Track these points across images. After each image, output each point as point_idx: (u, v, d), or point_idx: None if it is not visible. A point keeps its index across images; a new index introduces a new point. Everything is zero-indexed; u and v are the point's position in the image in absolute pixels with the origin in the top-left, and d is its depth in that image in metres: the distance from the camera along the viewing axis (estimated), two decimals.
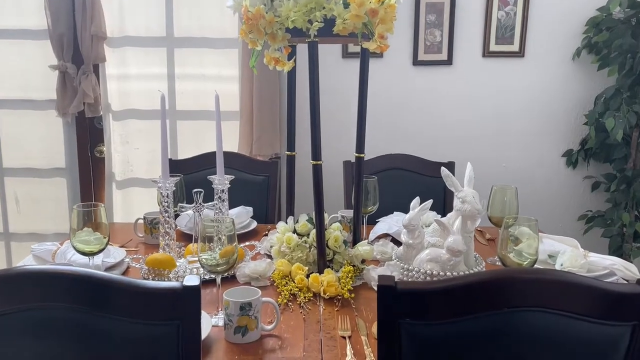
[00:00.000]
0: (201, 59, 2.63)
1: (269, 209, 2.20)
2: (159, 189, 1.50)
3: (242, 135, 2.63)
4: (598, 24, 2.52)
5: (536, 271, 0.91)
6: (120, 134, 2.68)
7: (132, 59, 2.62)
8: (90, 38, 2.51)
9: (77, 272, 0.87)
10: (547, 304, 0.87)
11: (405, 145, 2.68)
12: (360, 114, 1.52)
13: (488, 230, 1.97)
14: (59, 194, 2.75)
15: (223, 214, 1.56)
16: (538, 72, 2.66)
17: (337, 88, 2.64)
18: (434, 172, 2.26)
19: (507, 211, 1.67)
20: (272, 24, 1.27)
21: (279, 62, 1.31)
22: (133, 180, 2.72)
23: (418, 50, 2.65)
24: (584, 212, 2.73)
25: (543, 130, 2.71)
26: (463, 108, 2.69)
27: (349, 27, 1.24)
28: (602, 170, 2.68)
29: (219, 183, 1.55)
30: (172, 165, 2.22)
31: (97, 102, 2.59)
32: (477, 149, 2.72)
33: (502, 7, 2.60)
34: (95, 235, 1.43)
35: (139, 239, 1.85)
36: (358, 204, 1.61)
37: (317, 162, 1.43)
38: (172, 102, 2.67)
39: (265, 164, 2.27)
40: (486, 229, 1.99)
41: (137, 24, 2.58)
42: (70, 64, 2.54)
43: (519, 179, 2.74)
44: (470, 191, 1.49)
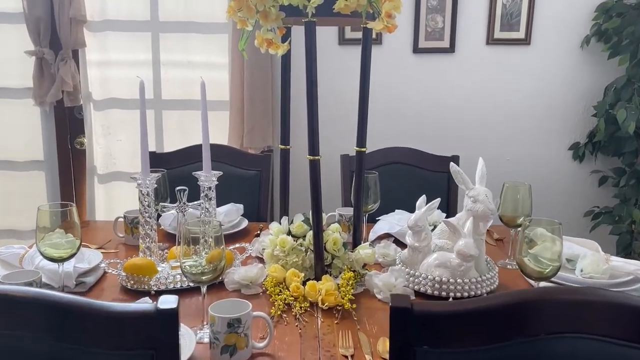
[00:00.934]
0: (188, 45, 2.47)
1: (261, 206, 2.06)
2: (138, 187, 1.35)
3: (232, 126, 2.48)
4: (608, 10, 2.39)
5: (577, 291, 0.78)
6: (102, 124, 2.51)
7: (114, 45, 2.45)
8: (68, 22, 2.33)
9: (32, 295, 0.72)
10: (590, 329, 0.73)
11: (405, 137, 2.55)
12: (362, 105, 1.37)
13: (496, 229, 1.83)
14: (36, 189, 2.59)
15: (210, 214, 1.41)
16: (545, 60, 2.52)
17: (333, 77, 2.49)
18: (437, 167, 2.14)
19: (520, 210, 1.53)
20: (265, 1, 1.12)
21: (272, 44, 1.16)
22: (116, 174, 2.56)
23: (419, 37, 2.50)
24: (590, 207, 2.61)
25: (549, 122, 2.58)
26: (465, 98, 2.56)
27: (352, 4, 1.09)
28: (610, 165, 2.56)
29: (205, 180, 1.40)
30: (156, 159, 2.06)
31: (77, 90, 2.42)
32: (480, 141, 2.59)
33: None
34: (67, 237, 1.28)
35: (119, 240, 1.70)
36: (358, 203, 1.47)
37: (315, 157, 1.28)
38: (157, 90, 2.51)
39: (257, 158, 2.12)
40: (494, 227, 1.85)
41: (119, 7, 2.41)
42: (48, 50, 2.36)
43: (523, 172, 2.61)
44: (482, 189, 1.36)
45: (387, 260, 1.53)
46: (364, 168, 1.46)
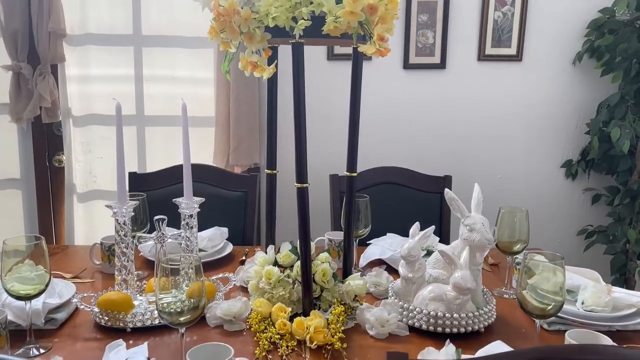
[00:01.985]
0: (172, 60, 2.39)
1: (246, 229, 1.98)
2: (114, 216, 1.26)
3: (218, 143, 2.40)
4: (600, 27, 2.36)
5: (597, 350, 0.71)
6: (81, 141, 2.42)
7: (95, 59, 2.36)
8: (47, 35, 2.25)
9: None
10: None
11: (395, 155, 2.49)
12: (352, 129, 1.30)
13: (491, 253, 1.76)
14: (13, 208, 2.48)
15: (191, 243, 1.33)
16: (536, 77, 2.48)
17: (322, 93, 2.43)
18: (429, 187, 2.07)
19: (517, 236, 1.47)
20: (249, 22, 1.05)
21: (257, 67, 1.09)
22: (96, 192, 2.47)
23: (409, 52, 2.45)
24: (583, 226, 2.56)
25: (541, 139, 2.54)
26: (457, 115, 2.51)
27: (342, 26, 1.02)
28: (603, 183, 2.52)
29: (186, 207, 1.32)
30: (137, 179, 1.99)
31: (56, 106, 2.33)
32: (471, 158, 2.53)
33: (499, 7, 2.41)
34: (37, 270, 1.19)
35: (96, 267, 1.61)
36: (349, 230, 1.40)
37: (303, 185, 1.21)
38: (139, 106, 2.43)
39: (242, 178, 2.05)
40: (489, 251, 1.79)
41: (100, 20, 2.33)
42: (25, 64, 2.27)
43: (515, 190, 2.57)
44: (479, 217, 1.29)
45: (379, 290, 1.45)
46: (354, 194, 1.39)
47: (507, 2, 2.41)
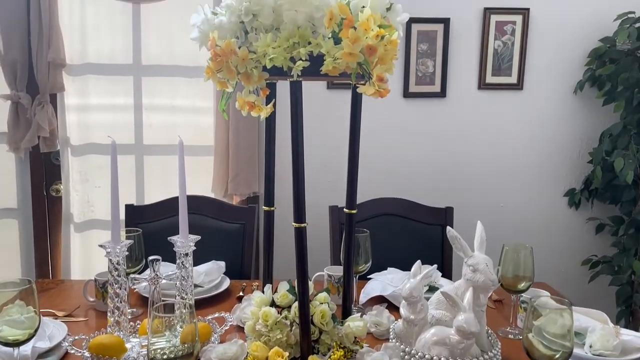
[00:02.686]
0: (172, 89, 2.39)
1: (244, 262, 1.94)
2: (107, 255, 1.23)
3: (216, 172, 2.38)
4: (601, 56, 2.35)
5: None
6: (79, 170, 2.40)
7: (95, 89, 2.36)
8: (47, 65, 2.25)
9: None
10: None
11: (395, 185, 2.47)
12: (352, 165, 1.28)
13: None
14: (9, 238, 2.45)
15: (187, 283, 1.29)
16: (538, 105, 2.47)
17: (321, 122, 2.42)
18: (430, 219, 2.04)
19: (522, 272, 1.43)
20: (246, 62, 1.03)
21: (254, 107, 1.07)
22: (93, 222, 2.44)
23: (409, 81, 2.45)
24: (588, 256, 2.52)
25: (543, 167, 2.52)
26: (458, 144, 2.49)
27: (341, 66, 1.00)
28: (607, 212, 2.49)
29: (181, 246, 1.29)
30: (134, 212, 1.96)
31: (54, 135, 2.32)
32: (473, 187, 2.51)
33: (499, 36, 2.41)
34: (27, 312, 1.16)
35: (90, 304, 1.57)
36: (349, 269, 1.36)
37: (301, 225, 1.18)
38: (138, 135, 2.41)
39: (240, 210, 2.02)
40: None
41: (100, 50, 2.33)
42: (24, 94, 2.27)
43: (517, 219, 2.53)
44: (482, 257, 1.26)
45: (380, 330, 1.41)
46: (354, 231, 1.36)
47: (507, 31, 2.41)
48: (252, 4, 1.03)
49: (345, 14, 0.98)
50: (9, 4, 2.20)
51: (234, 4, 1.06)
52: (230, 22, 1.06)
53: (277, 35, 1.02)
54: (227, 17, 1.06)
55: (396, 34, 1.00)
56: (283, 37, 1.01)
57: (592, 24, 2.40)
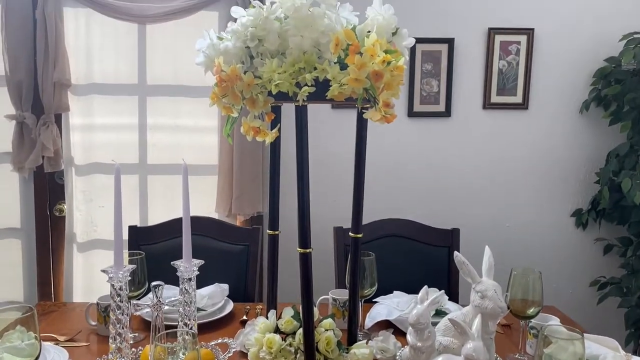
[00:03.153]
0: (176, 109, 2.39)
1: (248, 284, 1.92)
2: (110, 281, 1.21)
3: (220, 192, 2.37)
4: (606, 76, 2.35)
5: None
6: (83, 190, 2.39)
7: (99, 108, 2.36)
8: (52, 85, 2.25)
9: None
10: None
11: (400, 205, 2.45)
12: (357, 189, 1.26)
13: None
14: (12, 257, 2.44)
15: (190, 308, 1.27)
16: (543, 125, 2.46)
17: (326, 141, 2.41)
18: (436, 240, 2.02)
19: (531, 296, 1.41)
20: (252, 87, 1.02)
21: (259, 132, 1.07)
22: (97, 242, 2.42)
23: (414, 100, 2.44)
24: (596, 277, 2.49)
25: (550, 187, 2.49)
26: (463, 163, 2.47)
27: (347, 92, 1.00)
28: (615, 233, 2.46)
29: (185, 271, 1.27)
30: (138, 233, 1.95)
31: (58, 155, 2.32)
32: (479, 208, 2.49)
33: (504, 56, 2.41)
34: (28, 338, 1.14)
35: (92, 328, 1.55)
36: (355, 294, 1.34)
37: (306, 250, 1.16)
38: (142, 155, 2.41)
39: (244, 232, 2.00)
40: None
41: (105, 70, 2.34)
42: (29, 114, 2.27)
43: (524, 240, 2.51)
44: (491, 284, 1.23)
45: (387, 357, 1.39)
46: (359, 255, 1.34)
47: (511, 51, 2.41)
48: (258, 29, 1.03)
49: (351, 40, 0.97)
50: (16, 25, 2.21)
51: (239, 29, 1.06)
52: (235, 47, 1.05)
53: (282, 61, 1.02)
54: (232, 42, 1.06)
55: (402, 59, 0.99)
56: (289, 62, 1.01)
57: (597, 44, 2.39)
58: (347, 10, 1.07)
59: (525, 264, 2.46)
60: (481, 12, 2.37)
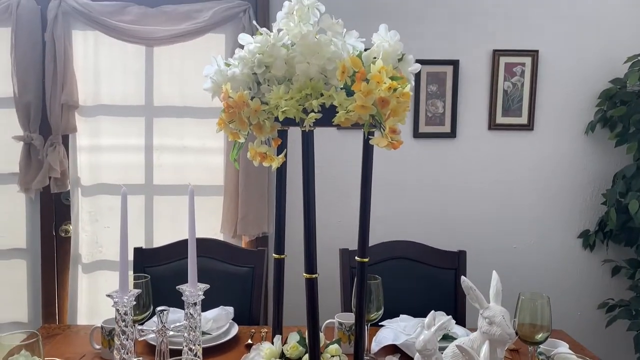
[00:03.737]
0: (182, 130, 2.40)
1: (253, 306, 1.91)
2: (115, 305, 1.21)
3: (226, 212, 2.37)
4: (612, 97, 2.35)
5: None
6: (89, 211, 2.40)
7: (107, 129, 2.37)
8: (60, 107, 2.28)
9: None
10: None
11: (406, 226, 2.44)
12: (363, 213, 1.26)
13: None
14: (17, 278, 2.44)
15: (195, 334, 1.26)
16: (549, 146, 2.45)
17: (332, 162, 2.42)
18: (443, 263, 2.01)
19: (539, 321, 1.39)
20: (259, 113, 1.03)
21: (265, 157, 1.07)
22: (102, 262, 2.42)
23: (419, 121, 2.45)
24: (604, 300, 2.45)
25: (556, 209, 2.48)
26: (468, 184, 2.47)
27: (353, 118, 1.00)
28: (623, 254, 2.44)
29: (190, 296, 1.26)
30: (143, 256, 1.95)
31: (65, 176, 2.33)
32: (485, 229, 2.47)
33: (509, 77, 2.42)
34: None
35: (96, 352, 1.54)
36: (361, 318, 1.33)
37: (312, 275, 1.15)
38: (149, 175, 2.42)
39: (250, 254, 1.99)
40: None
41: (113, 91, 2.36)
42: (37, 135, 2.30)
43: (531, 261, 2.49)
44: (499, 309, 1.22)
45: None
46: (366, 280, 1.33)
47: (516, 72, 2.42)
48: (265, 56, 1.04)
49: (358, 67, 0.98)
50: (25, 48, 2.24)
51: (246, 55, 1.07)
52: (242, 74, 1.06)
53: (289, 87, 1.03)
54: (239, 68, 1.07)
55: (409, 86, 1.00)
56: (295, 88, 1.02)
57: (602, 65, 2.40)
58: (353, 37, 1.08)
59: (532, 285, 2.44)
60: (486, 34, 2.39)
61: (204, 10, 2.27)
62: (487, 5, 2.38)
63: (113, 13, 2.25)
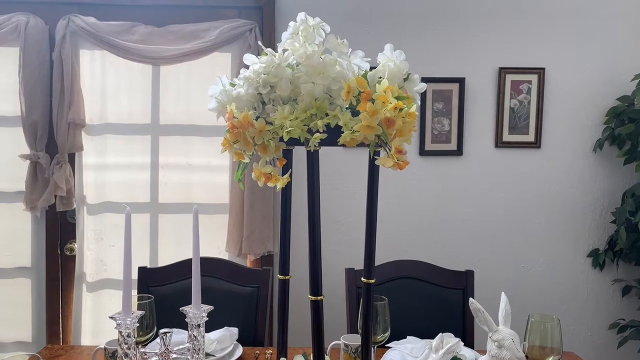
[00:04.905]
0: (188, 148, 2.40)
1: (258, 326, 1.88)
2: (117, 327, 1.19)
3: (231, 231, 2.36)
4: (619, 115, 2.33)
5: None
6: (94, 229, 2.39)
7: (113, 148, 2.38)
8: (66, 126, 2.28)
9: None
10: None
11: (412, 245, 2.42)
12: (369, 235, 1.24)
13: None
14: (21, 297, 2.42)
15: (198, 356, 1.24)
16: (557, 164, 2.43)
17: (337, 180, 2.40)
18: (451, 283, 1.98)
19: (549, 343, 1.36)
20: (263, 134, 1.02)
21: (270, 177, 1.06)
22: (106, 281, 2.41)
23: (425, 139, 2.44)
24: (615, 320, 2.41)
25: (565, 227, 2.45)
26: (475, 202, 2.44)
27: (359, 138, 0.99)
28: (634, 274, 2.40)
29: (193, 317, 1.25)
30: (148, 274, 1.93)
31: (71, 194, 2.33)
32: (492, 248, 2.45)
33: (515, 95, 2.41)
34: None
35: None
36: (367, 341, 1.30)
37: (318, 297, 1.14)
38: (154, 194, 2.41)
39: (254, 273, 1.97)
40: None
41: (119, 110, 2.37)
42: (43, 154, 2.30)
43: (540, 281, 2.45)
44: (507, 332, 1.20)
45: None
46: (372, 301, 1.31)
47: (523, 90, 2.41)
48: (270, 76, 1.04)
49: (363, 87, 0.97)
50: (33, 67, 2.26)
51: (251, 75, 1.07)
52: (247, 94, 1.06)
53: (294, 107, 1.02)
54: (244, 88, 1.07)
55: (414, 106, 0.99)
56: (300, 108, 1.01)
57: (609, 82, 2.39)
58: (358, 57, 1.08)
59: (541, 305, 2.40)
60: (491, 52, 2.39)
61: (211, 29, 2.28)
62: (492, 22, 2.38)
63: (120, 33, 2.27)
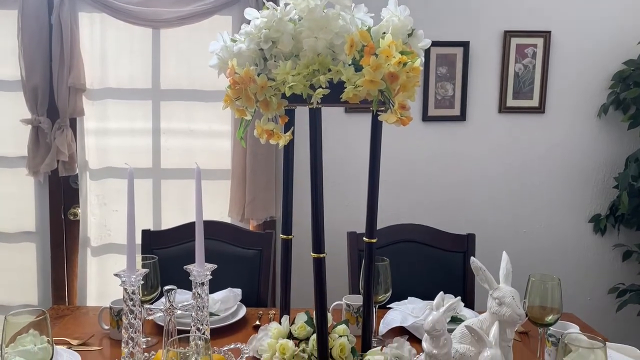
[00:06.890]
0: (190, 113, 2.39)
1: (261, 289, 1.91)
2: (122, 284, 1.21)
3: (233, 197, 2.36)
4: (625, 79, 2.30)
5: None
6: (97, 194, 2.40)
7: (114, 113, 2.37)
8: (67, 90, 2.27)
9: None
10: None
11: (414, 210, 2.42)
12: (371, 194, 1.24)
13: None
14: (27, 261, 2.45)
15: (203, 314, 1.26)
16: (560, 129, 2.42)
17: (339, 145, 2.40)
18: (451, 246, 1.99)
19: (549, 303, 1.37)
20: (265, 90, 1.01)
21: (272, 134, 1.05)
22: (110, 246, 2.43)
23: (428, 104, 2.42)
24: (615, 284, 2.43)
25: (567, 192, 2.45)
26: (478, 168, 2.44)
27: (362, 93, 0.98)
28: (635, 239, 2.41)
29: (197, 275, 1.26)
30: (151, 237, 1.95)
31: (73, 159, 2.33)
32: (495, 213, 2.45)
33: (520, 59, 2.38)
34: (41, 342, 1.13)
35: (104, 332, 1.55)
36: (369, 300, 1.32)
37: (320, 255, 1.14)
38: (156, 159, 2.41)
39: (257, 236, 1.99)
40: None
41: (120, 74, 2.34)
42: (45, 118, 2.29)
43: (541, 246, 2.47)
44: (508, 290, 1.21)
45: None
46: (374, 261, 1.32)
47: (528, 54, 2.38)
48: (272, 31, 1.02)
49: (366, 41, 0.96)
50: (32, 31, 2.23)
51: (253, 31, 1.05)
52: (249, 50, 1.04)
53: (296, 63, 1.01)
54: (246, 44, 1.05)
55: (419, 60, 0.98)
56: (303, 64, 1.00)
57: (615, 46, 2.35)
58: (361, 11, 1.06)
59: (542, 270, 2.42)
60: (497, 15, 2.35)
61: None
62: None
63: None
